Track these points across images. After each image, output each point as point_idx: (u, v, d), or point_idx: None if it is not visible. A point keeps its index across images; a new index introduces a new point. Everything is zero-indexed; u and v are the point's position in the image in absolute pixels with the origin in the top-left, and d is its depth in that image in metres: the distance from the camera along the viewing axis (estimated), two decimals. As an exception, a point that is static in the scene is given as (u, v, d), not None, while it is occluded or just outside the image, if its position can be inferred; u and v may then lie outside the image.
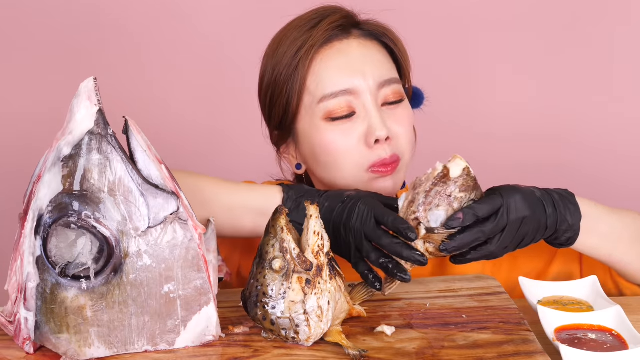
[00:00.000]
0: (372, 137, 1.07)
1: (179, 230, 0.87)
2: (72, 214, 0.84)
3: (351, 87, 1.09)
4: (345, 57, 1.11)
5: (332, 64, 1.10)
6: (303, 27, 1.12)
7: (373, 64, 1.11)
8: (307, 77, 1.10)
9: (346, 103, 1.09)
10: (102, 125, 0.85)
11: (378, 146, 1.08)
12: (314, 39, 1.10)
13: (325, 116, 1.09)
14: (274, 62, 1.14)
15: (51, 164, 0.86)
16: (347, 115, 1.09)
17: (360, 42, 1.13)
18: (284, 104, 1.13)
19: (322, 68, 1.10)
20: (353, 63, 1.10)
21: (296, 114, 1.13)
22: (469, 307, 0.98)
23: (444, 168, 0.92)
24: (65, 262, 0.84)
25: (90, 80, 0.86)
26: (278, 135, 1.18)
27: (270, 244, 0.87)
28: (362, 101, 1.09)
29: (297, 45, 1.11)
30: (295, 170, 1.19)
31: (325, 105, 1.09)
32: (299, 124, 1.13)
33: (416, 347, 0.88)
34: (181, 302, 0.88)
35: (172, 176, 0.89)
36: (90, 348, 0.87)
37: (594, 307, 0.99)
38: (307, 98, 1.11)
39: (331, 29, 1.11)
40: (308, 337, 0.88)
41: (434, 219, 0.92)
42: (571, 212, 0.98)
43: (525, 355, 0.85)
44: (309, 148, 1.13)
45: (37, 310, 0.86)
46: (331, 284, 0.88)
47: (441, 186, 0.91)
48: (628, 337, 0.90)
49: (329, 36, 1.11)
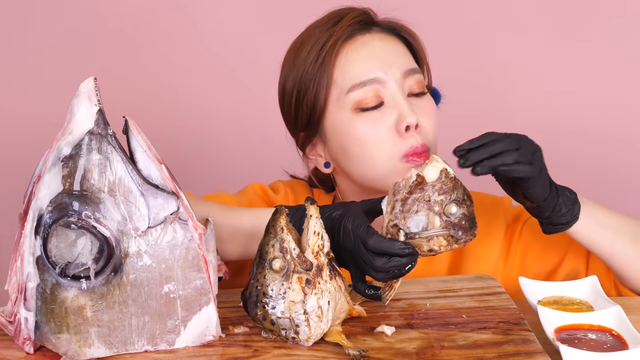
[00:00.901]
0: (402, 124, 1.08)
1: (179, 230, 0.87)
2: (72, 214, 0.84)
3: (378, 76, 1.10)
4: (369, 49, 1.13)
5: (357, 56, 1.12)
6: (324, 26, 1.15)
7: (396, 54, 1.13)
8: (333, 71, 1.12)
9: (374, 92, 1.10)
10: (102, 125, 0.85)
11: (409, 134, 1.09)
12: (338, 34, 1.13)
13: (354, 107, 1.10)
14: (298, 63, 1.15)
15: (51, 164, 0.86)
16: (376, 106, 1.10)
17: (381, 37, 1.15)
18: (312, 100, 1.14)
19: (347, 61, 1.12)
20: (377, 54, 1.12)
21: (324, 110, 1.14)
22: (469, 307, 0.98)
23: (417, 176, 0.90)
24: (65, 262, 0.84)
25: (90, 80, 0.86)
26: (304, 136, 1.19)
27: (270, 244, 0.87)
28: (390, 90, 1.10)
29: (321, 42, 1.13)
30: (324, 169, 1.20)
31: (354, 95, 1.10)
32: (327, 120, 1.14)
33: (416, 347, 0.88)
34: (181, 302, 0.88)
35: (172, 176, 0.89)
36: (90, 348, 0.87)
37: (594, 307, 0.99)
38: (335, 91, 1.12)
39: (353, 24, 1.14)
40: (308, 337, 0.88)
41: (414, 224, 0.91)
42: (567, 189, 1.03)
43: (525, 355, 0.85)
44: (339, 142, 1.13)
45: (37, 310, 0.86)
46: (331, 284, 0.88)
47: (418, 193, 0.90)
48: (628, 337, 0.90)
49: (351, 31, 1.14)
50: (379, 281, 0.92)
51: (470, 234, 0.91)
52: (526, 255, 1.18)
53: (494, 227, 1.20)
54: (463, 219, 0.90)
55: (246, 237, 1.04)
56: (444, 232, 0.90)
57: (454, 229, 0.90)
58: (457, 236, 0.90)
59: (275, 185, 1.29)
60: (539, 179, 0.98)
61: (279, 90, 1.21)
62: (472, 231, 0.91)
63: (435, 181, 0.90)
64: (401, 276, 0.91)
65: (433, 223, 0.90)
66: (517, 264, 1.18)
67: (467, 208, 0.91)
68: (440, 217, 0.90)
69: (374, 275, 0.91)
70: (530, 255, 1.18)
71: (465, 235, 0.91)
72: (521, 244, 1.19)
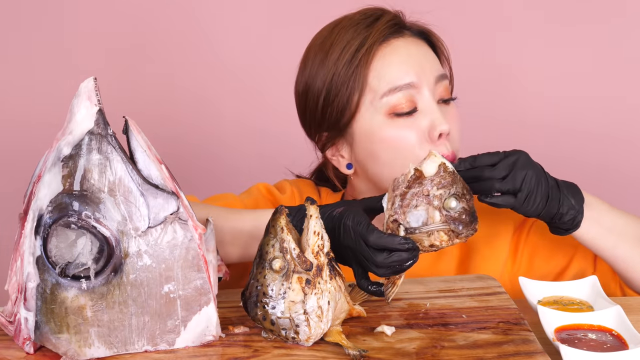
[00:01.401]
0: (435, 131, 1.08)
1: (179, 230, 0.87)
2: (72, 214, 0.84)
3: (413, 81, 1.10)
4: (404, 52, 1.12)
5: (393, 59, 1.12)
6: (356, 26, 1.14)
7: (428, 60, 1.13)
8: (368, 75, 1.11)
9: (409, 97, 1.10)
10: (102, 125, 0.85)
11: (440, 141, 1.09)
12: (374, 37, 1.12)
13: (388, 111, 1.10)
14: (329, 64, 1.14)
15: (51, 164, 0.86)
16: (410, 112, 1.10)
17: (414, 41, 1.15)
18: (343, 102, 1.13)
19: (383, 64, 1.12)
20: (413, 58, 1.12)
21: (355, 113, 1.13)
22: (469, 307, 0.98)
23: (415, 170, 0.90)
24: (65, 262, 0.84)
25: (90, 80, 0.86)
26: (328, 137, 1.18)
27: (270, 244, 0.87)
28: (424, 96, 1.10)
29: (355, 44, 1.12)
30: (345, 171, 1.19)
31: (389, 100, 1.10)
32: (357, 122, 1.14)
33: (416, 347, 0.88)
34: (181, 302, 0.88)
35: (172, 176, 0.89)
36: (90, 348, 0.87)
37: (594, 307, 0.99)
38: (369, 95, 1.12)
39: (388, 27, 1.13)
40: (308, 337, 0.88)
41: (414, 219, 0.90)
42: (574, 195, 1.03)
43: (525, 355, 0.85)
44: (368, 146, 1.13)
45: (37, 310, 0.86)
46: (331, 284, 0.88)
47: (416, 187, 0.90)
48: (628, 337, 0.90)
49: (387, 34, 1.13)
50: (381, 277, 0.92)
51: (471, 228, 0.91)
52: (534, 257, 1.18)
53: (502, 229, 1.21)
54: (463, 213, 0.90)
55: (247, 239, 1.04)
56: (444, 226, 0.90)
57: (454, 224, 0.90)
58: (458, 231, 0.90)
59: (282, 184, 1.28)
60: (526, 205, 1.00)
61: (301, 88, 1.19)
62: (472, 225, 0.91)
63: (433, 175, 0.90)
64: (403, 271, 0.91)
65: (433, 218, 0.90)
66: (525, 265, 1.18)
67: (467, 202, 0.90)
68: (440, 212, 0.90)
69: (376, 271, 0.91)
70: (538, 257, 1.18)
71: (466, 229, 0.90)
72: (529, 245, 1.19)
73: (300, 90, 1.20)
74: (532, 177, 1.00)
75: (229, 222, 1.04)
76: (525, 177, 0.99)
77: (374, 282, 0.94)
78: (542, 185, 1.00)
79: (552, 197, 1.01)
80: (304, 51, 1.20)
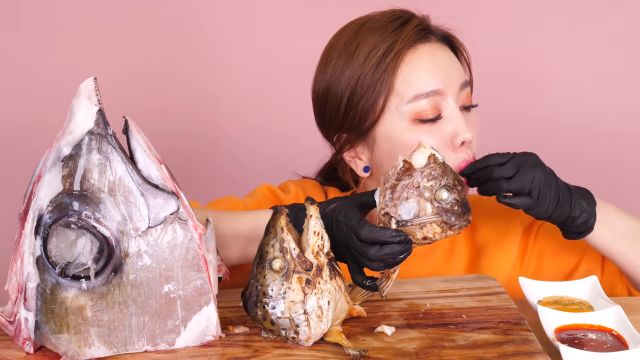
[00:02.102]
0: (458, 139, 1.08)
1: (179, 230, 0.87)
2: (72, 214, 0.84)
3: (439, 88, 1.10)
4: (431, 59, 1.12)
5: (420, 65, 1.11)
6: (384, 29, 1.13)
7: (453, 67, 1.13)
8: (395, 80, 1.11)
9: (434, 104, 1.09)
10: (102, 125, 0.85)
11: (462, 149, 1.09)
12: (403, 42, 1.11)
13: (413, 117, 1.10)
14: (354, 66, 1.13)
15: (51, 164, 0.86)
16: (435, 118, 1.09)
17: (440, 47, 1.14)
18: (368, 106, 1.12)
19: (410, 70, 1.11)
20: (439, 65, 1.12)
21: (379, 117, 1.12)
22: (469, 307, 0.98)
23: (404, 162, 0.90)
24: (65, 262, 0.84)
25: (90, 80, 0.86)
26: (347, 138, 1.17)
27: (270, 244, 0.87)
28: (448, 103, 1.10)
29: (382, 48, 1.11)
30: (362, 173, 1.18)
31: (414, 105, 1.09)
32: (380, 126, 1.13)
33: (416, 347, 0.88)
34: (181, 302, 0.88)
35: (172, 176, 0.89)
36: (90, 348, 0.87)
37: (594, 307, 0.99)
38: (394, 100, 1.11)
39: (416, 32, 1.12)
40: (308, 337, 0.88)
41: (406, 211, 0.90)
42: (586, 198, 1.04)
43: (525, 355, 0.85)
44: (390, 150, 1.12)
45: (37, 310, 0.86)
46: (331, 284, 0.88)
47: (406, 179, 0.90)
48: (628, 337, 0.90)
49: (415, 39, 1.12)
50: (375, 271, 0.92)
51: (464, 219, 0.90)
52: (542, 258, 1.19)
53: (511, 230, 1.21)
54: (455, 205, 0.89)
55: (245, 241, 1.04)
56: (436, 218, 0.89)
57: (446, 215, 0.89)
58: (451, 222, 0.89)
59: (286, 185, 1.28)
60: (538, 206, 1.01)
61: (321, 88, 1.18)
62: (465, 217, 0.90)
63: (423, 167, 0.90)
64: (397, 264, 0.91)
65: (425, 210, 0.89)
66: (533, 266, 1.19)
67: (459, 193, 0.90)
68: (431, 204, 0.89)
69: (369, 265, 0.91)
70: (546, 258, 1.19)
71: (459, 220, 0.89)
72: (537, 246, 1.19)
73: (320, 90, 1.18)
74: (542, 178, 1.00)
75: (228, 226, 1.03)
76: (535, 177, 1.00)
77: (369, 277, 0.94)
78: (552, 187, 1.01)
79: (563, 200, 1.01)
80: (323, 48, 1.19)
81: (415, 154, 0.90)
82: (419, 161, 0.90)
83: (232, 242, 1.04)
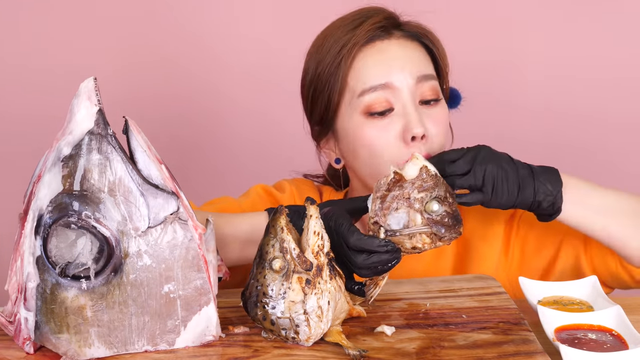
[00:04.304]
0: (409, 133, 1.09)
1: (179, 230, 0.87)
2: (72, 214, 0.84)
3: (389, 82, 1.11)
4: (384, 54, 1.13)
5: (371, 60, 1.13)
6: (346, 26, 1.15)
7: (411, 61, 1.13)
8: (348, 75, 1.13)
9: (384, 98, 1.11)
10: (102, 125, 0.85)
11: (414, 144, 1.09)
12: (357, 38, 1.13)
13: (364, 111, 1.11)
14: (317, 60, 1.17)
15: (51, 164, 0.86)
16: (385, 111, 1.11)
17: (401, 42, 1.15)
18: (326, 100, 1.16)
19: (362, 65, 1.13)
20: (392, 60, 1.13)
21: (337, 111, 1.16)
22: (469, 307, 0.98)
23: (394, 174, 0.90)
24: (65, 262, 0.84)
25: (90, 80, 0.86)
26: (318, 131, 1.21)
27: (270, 244, 0.87)
28: (400, 97, 1.11)
29: (340, 44, 1.14)
30: (335, 164, 1.22)
31: (365, 99, 1.11)
32: (339, 120, 1.16)
33: (416, 347, 0.88)
34: (181, 302, 0.88)
35: (172, 176, 0.89)
36: (90, 348, 0.87)
37: (594, 307, 0.99)
38: (348, 95, 1.14)
39: (373, 29, 1.14)
40: (308, 337, 0.88)
41: (395, 221, 0.90)
42: (551, 180, 1.02)
43: (525, 355, 0.85)
44: (349, 144, 1.15)
45: (37, 310, 0.86)
46: (331, 284, 0.88)
47: (397, 190, 0.90)
48: (628, 337, 0.90)
49: (371, 36, 1.14)
50: (363, 277, 0.93)
51: (455, 231, 0.90)
52: (524, 249, 1.19)
53: (494, 225, 1.21)
54: (446, 217, 0.90)
55: (241, 243, 1.04)
56: (425, 229, 0.90)
57: (436, 227, 0.90)
58: (440, 234, 0.90)
59: (281, 184, 1.29)
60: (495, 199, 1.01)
61: (302, 80, 1.22)
62: (456, 229, 0.90)
63: (415, 178, 0.90)
64: (385, 272, 0.92)
65: (414, 220, 0.90)
66: (517, 258, 1.19)
67: (450, 206, 0.90)
68: (421, 215, 0.90)
69: (357, 272, 0.92)
70: (528, 248, 1.19)
71: (449, 232, 0.90)
72: (519, 238, 1.20)
73: (301, 83, 1.23)
74: (493, 170, 1.00)
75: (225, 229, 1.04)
76: (486, 171, 1.00)
77: (358, 283, 0.94)
78: (509, 177, 1.00)
79: (523, 186, 1.01)
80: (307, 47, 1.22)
81: (407, 165, 0.91)
82: (410, 172, 0.91)
83: (231, 243, 1.04)
